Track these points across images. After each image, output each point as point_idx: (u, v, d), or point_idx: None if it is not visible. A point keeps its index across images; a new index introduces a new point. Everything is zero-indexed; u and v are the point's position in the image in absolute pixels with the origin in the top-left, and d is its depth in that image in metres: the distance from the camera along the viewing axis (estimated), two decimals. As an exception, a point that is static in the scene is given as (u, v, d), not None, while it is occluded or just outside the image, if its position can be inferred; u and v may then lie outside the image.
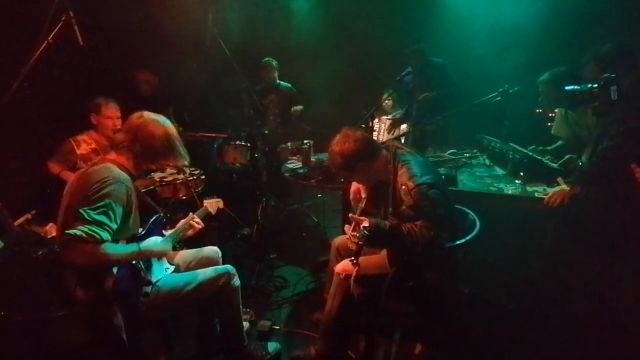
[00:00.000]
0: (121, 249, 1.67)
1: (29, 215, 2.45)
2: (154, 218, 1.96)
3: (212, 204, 2.37)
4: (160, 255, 1.87)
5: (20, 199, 2.49)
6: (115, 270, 1.65)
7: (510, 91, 2.26)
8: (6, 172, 2.49)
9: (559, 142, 2.83)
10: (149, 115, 1.80)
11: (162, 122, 1.79)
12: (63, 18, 2.34)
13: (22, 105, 2.32)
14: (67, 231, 1.50)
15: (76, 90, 2.93)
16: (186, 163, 1.87)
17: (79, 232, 1.49)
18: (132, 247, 1.70)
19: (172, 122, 1.87)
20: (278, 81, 4.10)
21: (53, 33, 2.31)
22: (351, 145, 1.84)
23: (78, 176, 1.72)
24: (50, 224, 2.37)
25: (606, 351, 2.03)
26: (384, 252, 1.98)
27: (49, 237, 2.31)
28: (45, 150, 2.73)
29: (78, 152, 2.73)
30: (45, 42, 2.30)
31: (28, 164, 2.69)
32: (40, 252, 2.19)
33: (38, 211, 2.46)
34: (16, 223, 2.35)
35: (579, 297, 2.32)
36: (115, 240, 1.66)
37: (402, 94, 3.93)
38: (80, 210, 1.53)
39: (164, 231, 2.04)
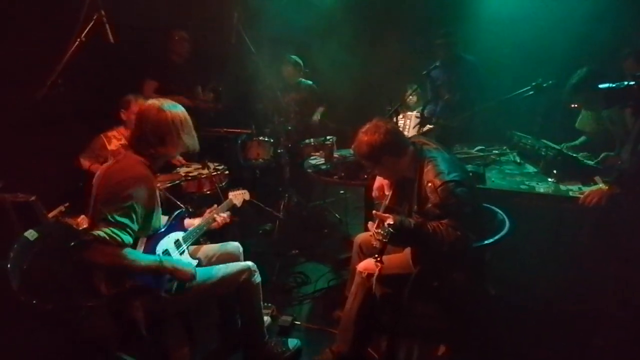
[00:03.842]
0: (142, 258, 1.67)
1: (62, 208, 2.57)
2: (176, 213, 1.98)
3: (238, 196, 2.36)
4: (179, 278, 1.76)
5: (54, 192, 2.60)
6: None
7: (544, 85, 2.15)
8: (41, 167, 2.60)
9: (582, 138, 2.71)
10: (153, 102, 1.73)
11: (166, 108, 1.71)
12: (95, 17, 2.42)
13: (56, 101, 2.41)
14: (91, 232, 1.56)
15: (107, 87, 3.03)
16: (196, 148, 1.81)
17: (102, 234, 1.54)
18: (154, 259, 1.70)
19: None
20: (300, 79, 4.07)
21: (85, 31, 2.40)
22: (380, 137, 1.79)
23: (104, 170, 1.75)
24: (82, 216, 2.47)
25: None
26: (408, 251, 1.94)
27: (80, 228, 2.40)
28: (77, 145, 2.84)
29: (109, 148, 2.83)
30: (78, 40, 2.39)
31: (61, 159, 2.80)
32: (72, 244, 2.27)
33: (71, 203, 2.58)
34: (50, 215, 2.48)
35: (614, 304, 2.19)
36: (137, 239, 1.68)
37: (426, 89, 3.83)
38: (105, 212, 1.58)
39: (186, 222, 2.06)
